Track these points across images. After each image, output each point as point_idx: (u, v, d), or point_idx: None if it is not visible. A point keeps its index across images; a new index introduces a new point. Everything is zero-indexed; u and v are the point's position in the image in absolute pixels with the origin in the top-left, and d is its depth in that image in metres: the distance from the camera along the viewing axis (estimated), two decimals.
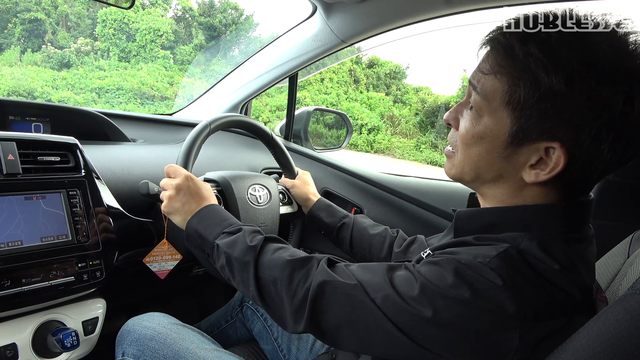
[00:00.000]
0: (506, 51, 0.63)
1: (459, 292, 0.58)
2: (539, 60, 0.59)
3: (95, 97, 15.14)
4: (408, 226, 1.60)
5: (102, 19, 17.75)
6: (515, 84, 0.61)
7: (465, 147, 0.70)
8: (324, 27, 1.48)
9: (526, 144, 0.63)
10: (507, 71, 0.62)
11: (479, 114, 0.67)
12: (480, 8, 1.27)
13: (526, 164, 0.65)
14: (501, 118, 0.64)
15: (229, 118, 1.19)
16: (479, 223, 0.71)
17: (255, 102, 11.92)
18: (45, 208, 0.92)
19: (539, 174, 0.64)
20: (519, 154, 0.65)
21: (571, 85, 0.57)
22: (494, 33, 0.66)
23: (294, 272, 0.74)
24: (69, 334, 0.92)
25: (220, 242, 0.87)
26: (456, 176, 0.74)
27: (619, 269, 0.86)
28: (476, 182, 0.73)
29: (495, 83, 0.64)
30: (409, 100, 17.96)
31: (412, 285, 0.62)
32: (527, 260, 0.61)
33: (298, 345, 1.19)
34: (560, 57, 0.58)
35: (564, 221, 0.66)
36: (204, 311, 1.67)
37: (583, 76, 0.57)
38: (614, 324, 0.51)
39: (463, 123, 0.71)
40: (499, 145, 0.66)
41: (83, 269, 0.94)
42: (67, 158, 1.01)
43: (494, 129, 0.65)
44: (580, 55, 0.57)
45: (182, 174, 0.99)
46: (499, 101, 0.64)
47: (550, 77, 0.58)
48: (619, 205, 1.30)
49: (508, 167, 0.67)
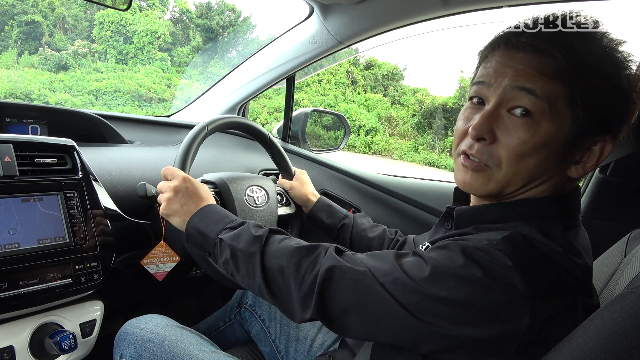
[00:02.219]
0: (568, 53, 0.63)
1: (470, 271, 0.59)
2: (607, 58, 0.63)
3: (92, 99, 15.15)
4: (405, 226, 1.60)
5: (100, 21, 17.77)
6: (582, 83, 0.63)
7: (519, 159, 0.66)
8: (321, 29, 1.48)
9: (582, 142, 0.66)
10: (571, 73, 0.63)
11: (536, 121, 0.64)
12: (478, 9, 1.28)
13: (573, 160, 0.67)
14: (563, 120, 0.64)
15: (226, 120, 1.19)
16: (480, 219, 0.72)
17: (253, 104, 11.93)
18: (42, 210, 0.92)
19: (585, 166, 0.67)
20: (574, 152, 0.67)
21: (630, 82, 0.63)
22: (529, 37, 0.66)
23: (301, 259, 0.75)
24: (66, 336, 0.91)
25: (224, 236, 0.87)
26: (495, 191, 0.70)
27: (616, 269, 0.87)
28: (512, 191, 0.70)
29: (557, 86, 0.63)
30: (407, 101, 17.97)
31: (422, 268, 0.63)
32: (532, 243, 0.62)
33: (296, 347, 1.19)
34: (620, 54, 0.64)
35: (560, 210, 0.68)
36: (202, 313, 1.67)
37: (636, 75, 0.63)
38: (611, 323, 0.51)
39: (513, 134, 0.66)
40: (558, 149, 0.65)
41: (80, 271, 0.94)
42: (64, 160, 1.01)
43: (556, 134, 0.64)
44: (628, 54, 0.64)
45: (179, 176, 0.99)
46: (561, 103, 0.63)
47: (618, 73, 0.63)
48: (615, 205, 1.31)
49: (560, 166, 0.67)
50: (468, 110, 0.73)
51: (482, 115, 0.68)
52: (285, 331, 1.22)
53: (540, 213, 0.68)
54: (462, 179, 0.72)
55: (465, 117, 0.73)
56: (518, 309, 0.57)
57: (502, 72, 0.67)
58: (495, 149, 0.67)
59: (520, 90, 0.65)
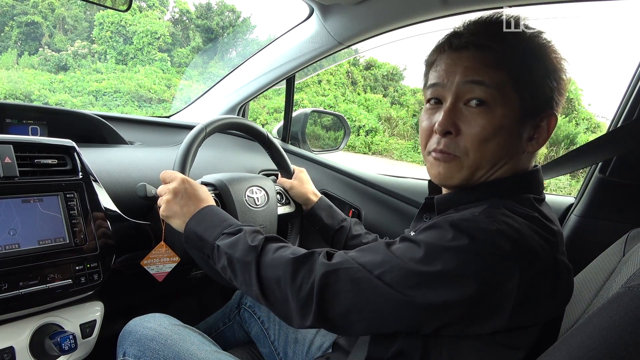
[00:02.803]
0: (504, 45, 0.71)
1: (460, 242, 0.63)
2: (535, 44, 0.72)
3: (92, 100, 15.14)
4: (406, 227, 1.60)
5: (99, 22, 17.78)
6: (521, 68, 0.71)
7: (483, 144, 0.72)
8: (321, 29, 1.48)
9: (532, 119, 0.73)
10: (511, 60, 0.71)
11: (490, 108, 0.71)
12: (477, 9, 1.28)
13: (527, 137, 0.74)
14: (512, 102, 0.71)
15: (225, 120, 1.19)
16: (458, 203, 0.78)
17: (253, 104, 11.92)
18: (42, 211, 0.92)
19: (538, 141, 0.75)
20: (526, 129, 0.73)
21: (557, 62, 0.73)
22: (469, 36, 0.74)
23: (296, 269, 0.75)
24: (66, 337, 0.92)
25: (221, 243, 0.87)
26: (466, 177, 0.76)
27: (614, 267, 0.87)
28: (482, 174, 0.76)
29: (502, 74, 0.70)
30: (407, 101, 17.96)
31: (415, 250, 0.66)
32: (511, 209, 0.68)
33: (294, 348, 1.19)
34: (544, 40, 0.73)
35: (526, 185, 0.76)
36: (202, 313, 1.67)
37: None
38: (608, 321, 0.51)
39: (473, 123, 0.72)
40: (513, 129, 0.72)
41: (80, 272, 0.94)
42: (65, 161, 1.01)
43: (509, 115, 0.71)
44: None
45: (178, 178, 0.99)
46: (508, 88, 0.71)
47: (547, 55, 0.72)
48: (614, 205, 1.31)
49: (518, 145, 0.74)
50: (428, 112, 0.79)
51: (444, 112, 0.74)
52: (284, 333, 1.22)
53: (510, 189, 0.74)
54: (437, 172, 0.78)
55: (427, 118, 0.79)
56: (508, 268, 0.61)
57: (453, 71, 0.74)
58: (460, 140, 0.74)
59: (471, 83, 0.72)
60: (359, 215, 1.67)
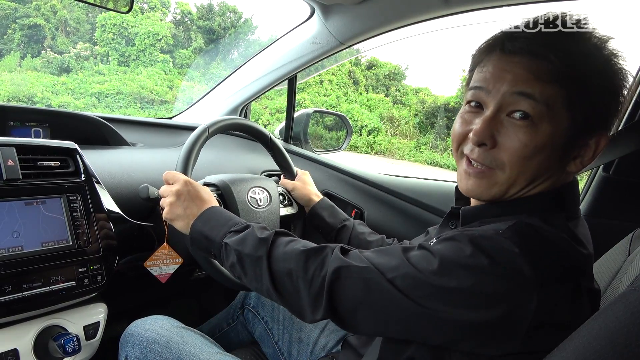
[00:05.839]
0: (563, 57, 0.64)
1: (478, 260, 0.60)
2: (599, 57, 0.65)
3: (95, 102, 15.17)
4: (409, 227, 1.60)
5: (101, 24, 17.81)
6: (577, 85, 0.64)
7: (522, 161, 0.67)
8: (322, 29, 1.48)
9: (580, 139, 0.68)
10: (568, 76, 0.64)
11: (535, 123, 0.65)
12: (479, 8, 1.28)
13: (572, 156, 0.69)
14: (561, 121, 0.65)
15: (227, 121, 1.19)
16: (484, 216, 0.74)
17: (255, 105, 11.94)
18: (45, 213, 0.92)
19: (583, 161, 0.69)
20: (573, 149, 0.69)
21: (621, 78, 0.66)
22: (524, 41, 0.67)
23: (309, 261, 0.75)
24: (70, 339, 0.92)
25: (229, 241, 0.87)
26: (498, 194, 0.71)
27: (619, 267, 0.87)
28: (516, 191, 0.71)
29: (554, 88, 0.65)
30: (409, 101, 17.96)
31: (430, 260, 0.64)
32: (536, 230, 0.63)
33: (299, 348, 1.19)
34: (609, 52, 0.66)
35: (559, 202, 0.70)
36: (206, 314, 1.67)
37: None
38: (614, 321, 0.51)
39: (513, 137, 0.67)
40: (558, 148, 0.67)
41: (84, 274, 0.94)
42: (67, 163, 1.01)
43: (555, 134, 0.66)
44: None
45: (181, 179, 0.99)
46: (559, 105, 0.65)
47: (610, 71, 0.65)
48: (619, 203, 1.30)
49: (561, 164, 0.69)
50: (467, 114, 0.74)
51: (482, 120, 0.69)
52: (287, 333, 1.22)
53: (542, 206, 0.70)
54: (465, 186, 0.74)
55: (463, 120, 0.74)
56: (526, 293, 0.58)
57: (500, 78, 0.68)
58: (496, 153, 0.69)
59: (519, 95, 0.66)
60: (362, 215, 1.67)
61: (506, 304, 0.59)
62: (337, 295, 0.70)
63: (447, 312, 0.61)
